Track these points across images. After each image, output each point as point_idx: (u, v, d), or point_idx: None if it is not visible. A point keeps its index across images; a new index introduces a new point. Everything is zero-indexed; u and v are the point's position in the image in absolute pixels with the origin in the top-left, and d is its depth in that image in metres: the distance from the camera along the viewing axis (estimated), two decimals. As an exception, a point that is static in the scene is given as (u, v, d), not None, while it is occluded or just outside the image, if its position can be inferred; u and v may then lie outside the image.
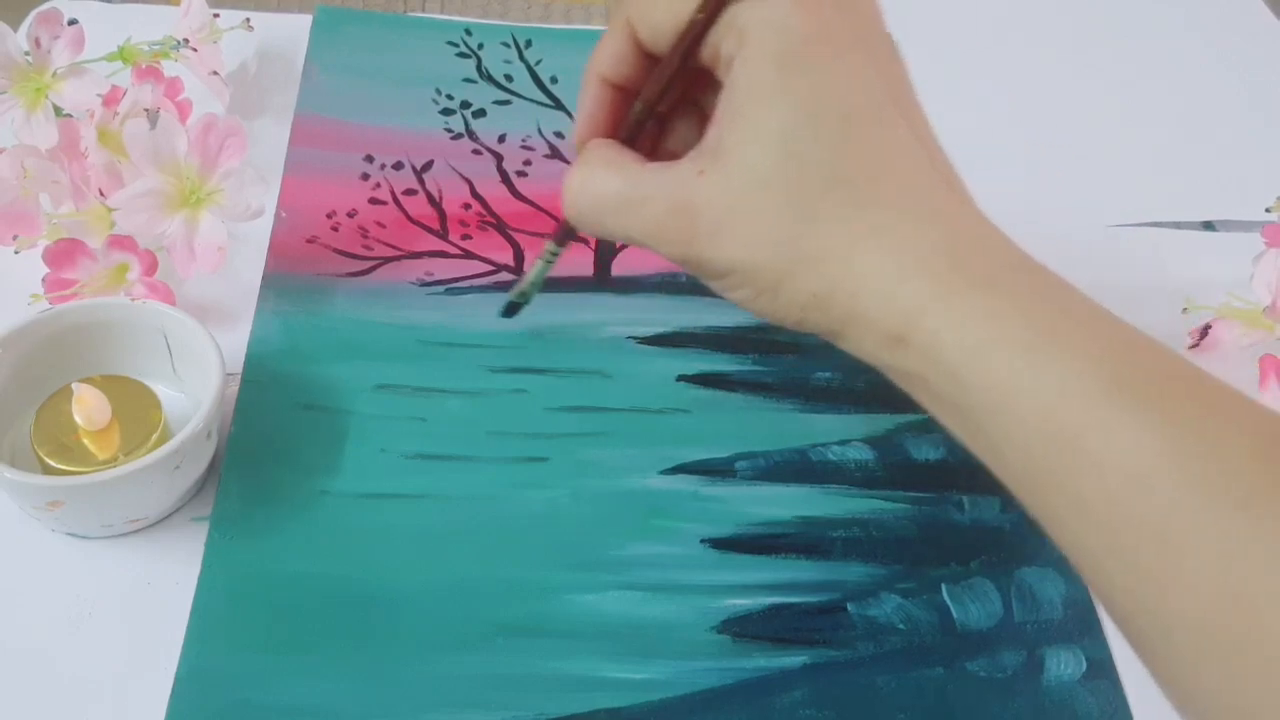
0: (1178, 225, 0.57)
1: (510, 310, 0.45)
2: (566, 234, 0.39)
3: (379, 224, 0.53)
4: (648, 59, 0.35)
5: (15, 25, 0.52)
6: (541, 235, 0.54)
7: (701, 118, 0.35)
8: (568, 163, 0.57)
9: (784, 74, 0.31)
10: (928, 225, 0.31)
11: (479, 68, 0.62)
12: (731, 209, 0.32)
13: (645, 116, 0.36)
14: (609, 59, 0.36)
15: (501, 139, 0.58)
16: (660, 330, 0.50)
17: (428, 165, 0.56)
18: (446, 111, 0.59)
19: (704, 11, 0.32)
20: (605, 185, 0.35)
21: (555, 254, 0.43)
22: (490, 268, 0.52)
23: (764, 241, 0.32)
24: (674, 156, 0.34)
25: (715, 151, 0.33)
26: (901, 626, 0.41)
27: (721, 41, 0.33)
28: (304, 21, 0.63)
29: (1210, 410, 0.28)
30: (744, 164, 0.32)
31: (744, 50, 0.32)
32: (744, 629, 0.41)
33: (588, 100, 0.37)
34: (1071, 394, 0.28)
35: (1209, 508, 0.26)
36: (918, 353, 0.31)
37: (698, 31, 0.33)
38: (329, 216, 0.53)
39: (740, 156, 0.32)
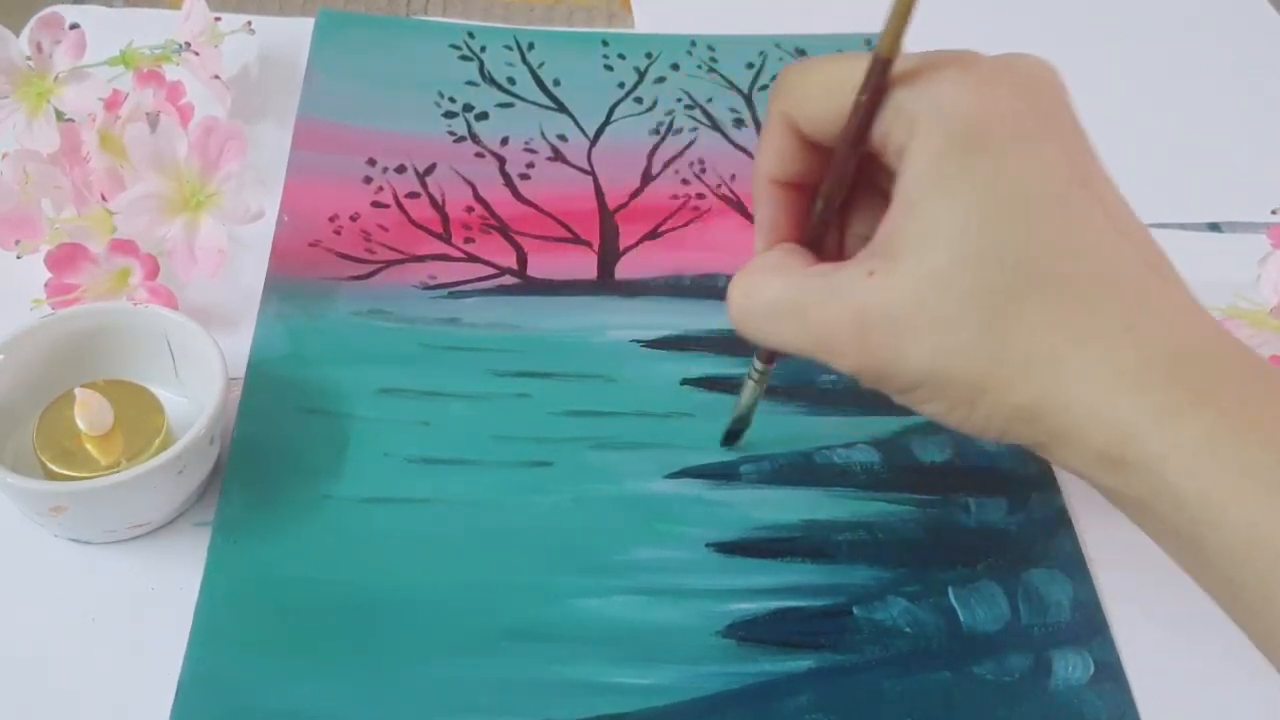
0: (1183, 226, 0.57)
1: (730, 438, 0.44)
2: (772, 350, 0.37)
3: (381, 227, 0.53)
4: (815, 150, 0.33)
5: (17, 30, 0.52)
6: (544, 238, 0.54)
7: (882, 200, 0.32)
8: (571, 166, 0.57)
9: (960, 162, 0.29)
10: (1142, 328, 0.28)
11: (481, 71, 0.62)
12: (911, 315, 0.29)
13: (829, 215, 0.33)
14: (774, 159, 0.33)
15: (504, 142, 0.58)
16: (664, 333, 0.50)
17: (430, 168, 0.56)
18: (449, 114, 0.59)
19: (866, 93, 0.30)
20: (766, 291, 0.32)
21: (763, 372, 0.40)
22: (494, 271, 0.52)
23: (953, 350, 0.29)
24: (863, 244, 0.31)
25: (888, 249, 0.30)
26: (908, 630, 0.41)
27: (890, 129, 0.30)
28: (306, 25, 0.63)
29: None
30: (922, 262, 0.29)
31: (915, 138, 0.29)
32: (749, 633, 0.41)
33: (764, 207, 0.34)
34: None
35: None
36: (1139, 477, 0.28)
37: (865, 116, 0.30)
38: (331, 220, 0.53)
39: (917, 254, 0.29)
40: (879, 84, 0.30)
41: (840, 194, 0.33)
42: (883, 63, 0.30)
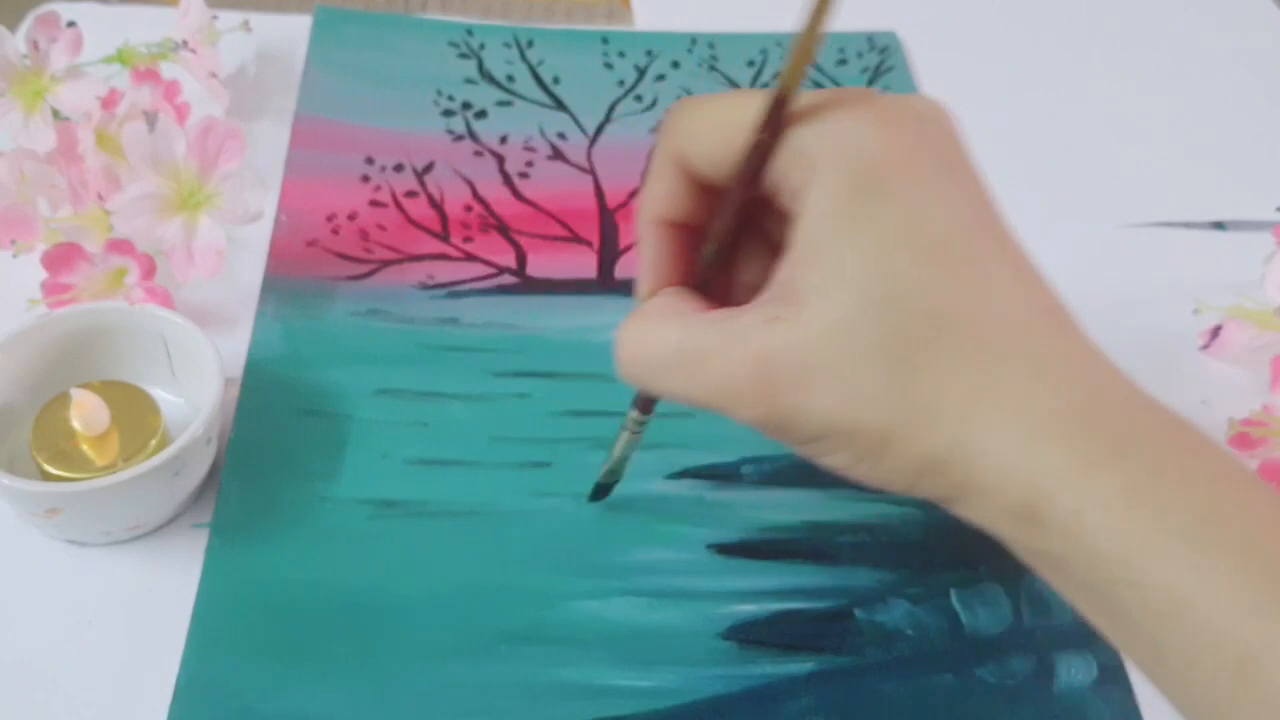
0: (1188, 225, 0.57)
1: (599, 493, 0.42)
2: (650, 398, 0.36)
3: (380, 227, 0.53)
4: (704, 190, 0.32)
5: (13, 28, 0.52)
6: (543, 237, 0.53)
7: (769, 246, 0.31)
8: (570, 164, 0.57)
9: (864, 204, 0.27)
10: (1052, 378, 0.27)
11: (480, 68, 0.62)
12: (815, 362, 0.28)
13: (720, 257, 0.32)
14: (662, 199, 0.32)
15: (503, 140, 0.58)
16: (664, 333, 0.50)
17: (429, 167, 0.56)
18: (448, 113, 0.59)
19: (766, 132, 0.29)
20: (661, 340, 0.31)
21: (640, 422, 0.38)
22: (493, 270, 0.52)
23: (859, 399, 0.28)
24: (749, 291, 0.30)
25: (789, 295, 0.28)
26: (910, 633, 0.41)
27: (788, 169, 0.29)
28: (304, 22, 0.63)
29: None
30: (825, 309, 0.28)
31: (816, 179, 0.28)
32: (750, 635, 0.40)
33: (648, 249, 0.33)
34: (1249, 608, 0.24)
35: None
36: (1054, 533, 0.26)
37: (762, 155, 0.29)
38: (329, 219, 0.53)
39: (820, 300, 0.28)
40: (777, 122, 0.29)
41: (732, 236, 0.32)
42: (782, 100, 0.29)
